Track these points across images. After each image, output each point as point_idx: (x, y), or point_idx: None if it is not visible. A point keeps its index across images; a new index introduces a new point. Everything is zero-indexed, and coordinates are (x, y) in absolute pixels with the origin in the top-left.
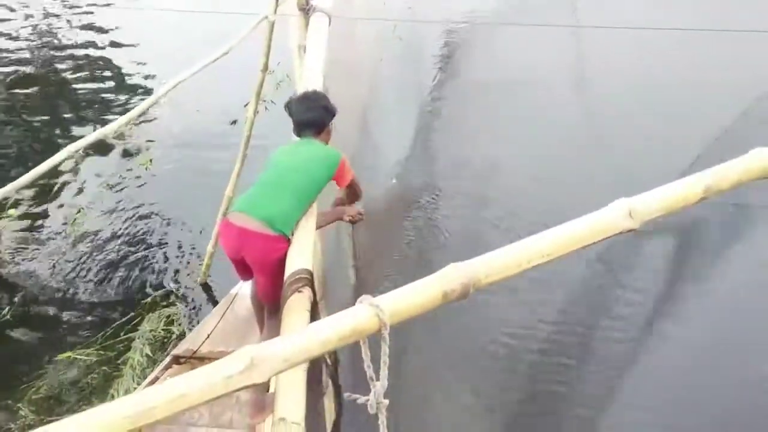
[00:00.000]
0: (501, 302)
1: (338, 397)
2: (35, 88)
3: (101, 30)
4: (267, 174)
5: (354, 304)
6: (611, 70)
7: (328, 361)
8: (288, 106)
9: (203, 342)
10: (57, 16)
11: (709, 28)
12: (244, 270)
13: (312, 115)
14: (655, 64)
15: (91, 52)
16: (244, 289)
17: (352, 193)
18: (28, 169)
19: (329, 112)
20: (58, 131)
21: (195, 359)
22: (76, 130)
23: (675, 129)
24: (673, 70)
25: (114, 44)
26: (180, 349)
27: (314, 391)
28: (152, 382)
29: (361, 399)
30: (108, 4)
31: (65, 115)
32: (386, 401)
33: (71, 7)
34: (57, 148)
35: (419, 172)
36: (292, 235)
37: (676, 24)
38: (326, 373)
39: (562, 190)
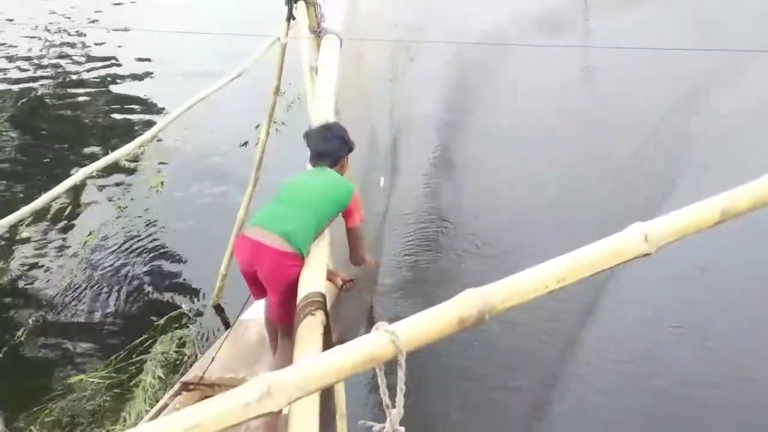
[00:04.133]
0: None
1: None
2: (47, 110)
3: (114, 52)
4: (283, 193)
5: (367, 328)
6: (626, 92)
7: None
8: (306, 136)
9: (208, 367)
10: (69, 37)
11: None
12: (257, 287)
13: (329, 146)
14: (670, 85)
15: (104, 73)
16: (254, 314)
17: (355, 251)
18: (41, 192)
19: (347, 144)
20: (71, 154)
21: (204, 386)
22: (89, 153)
23: (691, 151)
24: (686, 92)
25: (126, 66)
26: (189, 375)
27: (327, 416)
28: (161, 410)
29: (377, 426)
30: (124, 28)
31: (78, 138)
32: (402, 429)
33: (84, 30)
34: (70, 170)
35: (428, 191)
36: (307, 254)
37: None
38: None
39: (577, 216)
